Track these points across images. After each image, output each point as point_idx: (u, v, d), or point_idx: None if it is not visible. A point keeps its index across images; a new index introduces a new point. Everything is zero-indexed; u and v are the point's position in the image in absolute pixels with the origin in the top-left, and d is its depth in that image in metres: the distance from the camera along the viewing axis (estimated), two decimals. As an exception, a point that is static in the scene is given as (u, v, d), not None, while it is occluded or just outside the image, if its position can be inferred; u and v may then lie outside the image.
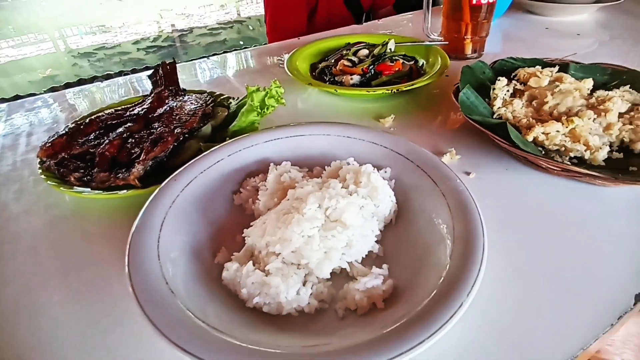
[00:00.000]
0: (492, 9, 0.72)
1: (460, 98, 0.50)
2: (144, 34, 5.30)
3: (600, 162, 0.44)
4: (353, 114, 0.61)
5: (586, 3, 0.91)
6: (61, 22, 5.92)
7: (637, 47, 0.81)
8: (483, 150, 0.50)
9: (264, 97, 0.50)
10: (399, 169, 0.41)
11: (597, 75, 0.59)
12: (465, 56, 0.76)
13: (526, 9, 0.99)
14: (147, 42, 5.08)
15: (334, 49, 0.75)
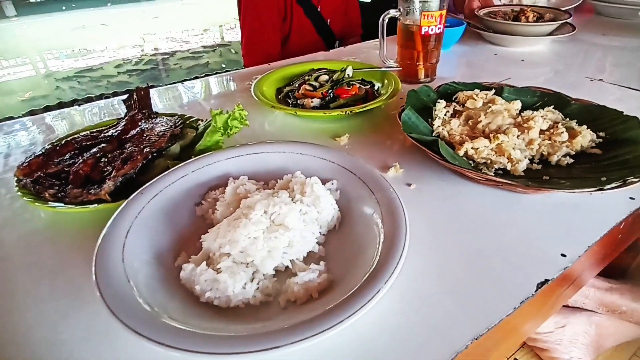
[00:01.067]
0: (440, 39, 0.80)
1: (403, 118, 0.57)
2: (126, 57, 5.35)
3: (520, 172, 0.51)
4: (313, 133, 0.67)
5: (539, 36, 1.00)
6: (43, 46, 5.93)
7: (579, 73, 0.91)
8: (423, 165, 0.56)
9: (227, 119, 0.55)
10: (344, 181, 0.47)
11: (528, 97, 0.67)
12: (419, 80, 0.84)
13: (483, 38, 1.08)
14: (129, 65, 5.12)
15: (299, 74, 0.82)
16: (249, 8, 1.20)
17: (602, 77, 0.86)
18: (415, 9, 0.76)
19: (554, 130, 0.56)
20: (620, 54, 1.04)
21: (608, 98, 0.76)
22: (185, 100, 0.84)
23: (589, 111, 0.61)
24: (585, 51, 1.04)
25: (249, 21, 1.22)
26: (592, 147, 0.55)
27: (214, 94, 0.89)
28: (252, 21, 1.21)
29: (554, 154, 0.54)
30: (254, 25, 1.21)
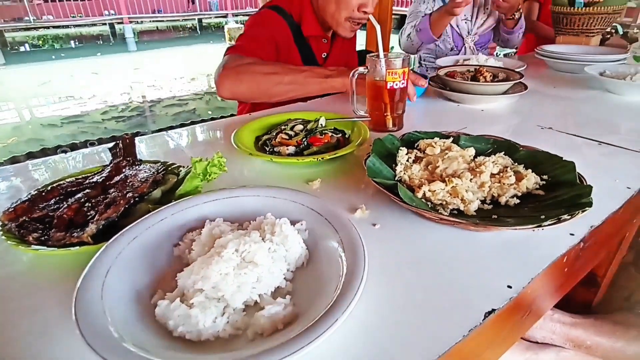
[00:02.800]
0: (404, 92, 0.88)
1: (367, 164, 0.63)
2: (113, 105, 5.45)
3: (472, 212, 0.56)
4: (288, 178, 0.72)
5: (495, 95, 1.10)
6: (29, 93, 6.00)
7: (531, 122, 1.00)
8: (387, 206, 0.61)
9: (206, 166, 0.60)
10: (312, 221, 0.51)
11: (482, 144, 0.74)
12: (388, 129, 0.91)
13: (445, 96, 1.18)
14: (115, 112, 5.21)
15: (276, 123, 0.89)
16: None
17: (551, 126, 0.95)
18: (382, 67, 0.85)
19: (503, 174, 0.63)
20: (568, 104, 1.15)
21: (555, 144, 0.84)
22: (169, 147, 0.89)
23: (534, 156, 0.68)
24: (538, 102, 1.15)
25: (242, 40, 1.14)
26: (536, 188, 0.61)
27: (197, 141, 0.94)
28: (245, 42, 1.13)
29: (503, 195, 0.59)
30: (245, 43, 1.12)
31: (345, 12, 1.09)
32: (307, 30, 1.18)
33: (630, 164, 0.76)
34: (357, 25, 1.14)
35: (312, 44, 1.22)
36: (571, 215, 0.50)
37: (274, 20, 1.16)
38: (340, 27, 1.14)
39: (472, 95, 1.08)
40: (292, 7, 1.18)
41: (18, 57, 10.28)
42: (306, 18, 1.17)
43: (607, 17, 1.64)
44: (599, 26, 1.68)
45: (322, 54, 1.27)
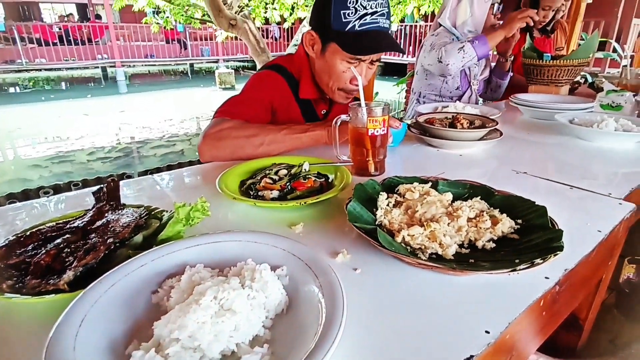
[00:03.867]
0: (384, 139, 0.92)
1: (348, 209, 0.64)
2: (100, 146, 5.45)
3: (450, 256, 0.58)
4: (271, 222, 0.73)
5: (472, 140, 1.15)
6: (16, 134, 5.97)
7: (507, 166, 1.04)
8: (368, 250, 0.62)
9: (189, 211, 0.61)
10: (293, 267, 0.52)
11: (459, 189, 0.77)
12: (370, 174, 0.94)
13: (425, 141, 1.23)
14: (102, 152, 5.20)
15: (261, 168, 0.91)
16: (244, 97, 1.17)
17: (526, 170, 0.99)
18: (363, 115, 0.89)
19: (479, 218, 0.65)
20: (541, 149, 1.21)
21: (530, 189, 0.88)
22: (154, 191, 0.90)
23: (508, 201, 0.71)
24: (513, 147, 1.20)
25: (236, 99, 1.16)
26: (511, 232, 0.63)
27: (183, 185, 0.95)
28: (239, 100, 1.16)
29: (480, 239, 0.61)
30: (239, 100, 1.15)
31: (338, 84, 1.14)
32: (304, 94, 1.21)
33: (600, 208, 0.79)
34: (351, 94, 1.18)
35: (312, 102, 1.26)
36: (543, 259, 0.52)
37: (274, 81, 1.19)
38: (335, 95, 1.18)
39: (451, 141, 1.13)
40: (293, 66, 1.22)
41: (7, 98, 10.34)
42: (304, 81, 1.21)
43: (573, 69, 1.77)
44: (567, 77, 1.80)
45: (322, 110, 1.30)
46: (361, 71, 1.09)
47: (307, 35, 1.14)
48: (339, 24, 1.02)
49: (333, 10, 1.02)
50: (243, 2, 7.36)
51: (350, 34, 1.02)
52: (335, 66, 1.10)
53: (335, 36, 1.05)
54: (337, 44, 1.06)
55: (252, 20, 6.67)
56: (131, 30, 14.00)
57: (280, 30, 14.90)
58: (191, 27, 12.88)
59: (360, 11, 1.00)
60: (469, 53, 1.69)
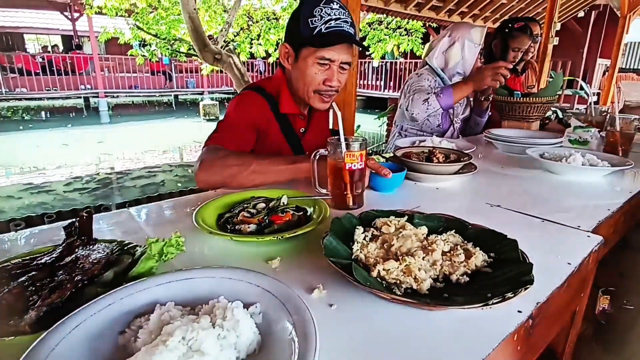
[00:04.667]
0: (362, 173, 0.94)
1: (324, 243, 0.65)
2: (78, 176, 5.33)
3: (425, 291, 0.58)
4: (247, 257, 0.72)
5: (448, 174, 1.18)
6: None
7: (481, 200, 1.07)
8: (344, 286, 0.62)
9: (163, 247, 0.60)
10: (267, 304, 0.51)
11: (434, 222, 0.78)
12: (348, 207, 0.95)
13: None
14: (79, 183, 5.08)
15: (239, 201, 0.90)
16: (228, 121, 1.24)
17: (499, 203, 1.02)
18: (341, 150, 0.91)
19: (454, 252, 0.66)
20: (514, 182, 1.25)
21: (503, 222, 0.90)
22: (129, 225, 0.88)
23: (482, 234, 0.72)
24: (487, 181, 1.24)
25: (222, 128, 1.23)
26: (484, 266, 0.64)
27: (159, 218, 0.94)
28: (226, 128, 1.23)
29: (454, 273, 0.62)
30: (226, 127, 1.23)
31: (312, 87, 1.21)
32: (284, 108, 1.31)
33: (570, 241, 0.82)
34: (328, 97, 1.25)
35: (290, 120, 1.34)
36: (515, 293, 0.53)
37: (254, 100, 1.28)
38: (311, 100, 1.26)
39: (427, 174, 1.16)
40: (271, 86, 1.31)
41: (-17, 128, 10.11)
42: (283, 97, 1.31)
43: (542, 105, 1.86)
44: (537, 113, 1.90)
45: (301, 128, 1.39)
46: (332, 74, 1.19)
47: (282, 48, 1.25)
48: (307, 30, 1.13)
49: (302, 20, 1.14)
50: (229, 37, 7.57)
51: (317, 35, 1.13)
52: (308, 70, 1.19)
53: (304, 41, 1.16)
54: (306, 47, 1.16)
55: (237, 55, 6.84)
56: (116, 62, 14.12)
57: (265, 64, 15.29)
58: (177, 59, 13.11)
59: (325, 17, 1.12)
60: (433, 105, 1.79)
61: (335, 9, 1.13)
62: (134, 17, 8.40)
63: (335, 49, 1.15)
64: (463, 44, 1.92)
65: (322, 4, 1.12)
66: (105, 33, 9.90)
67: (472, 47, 1.91)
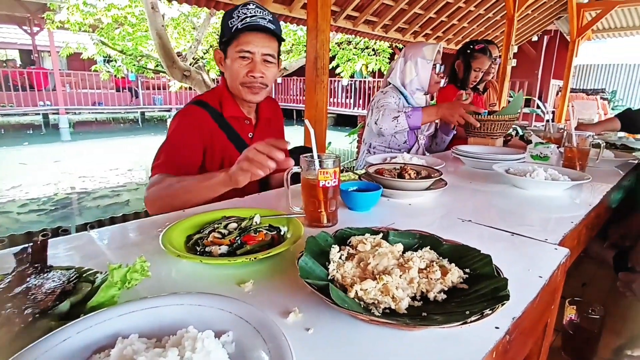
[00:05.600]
0: (336, 190, 0.93)
1: (300, 264, 0.62)
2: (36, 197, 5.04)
3: (403, 310, 0.57)
4: (219, 281, 0.69)
5: (419, 190, 1.19)
6: None
7: (453, 215, 1.09)
8: (321, 308, 0.60)
9: (126, 273, 0.55)
10: (240, 331, 0.48)
11: (409, 239, 0.78)
12: (322, 225, 0.93)
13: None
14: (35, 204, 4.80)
15: (210, 221, 0.87)
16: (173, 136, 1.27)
17: (470, 218, 1.04)
18: (315, 167, 0.90)
19: (430, 269, 0.66)
20: (483, 197, 1.29)
21: (475, 236, 0.91)
22: (90, 249, 0.82)
23: (456, 250, 0.73)
24: (457, 196, 1.26)
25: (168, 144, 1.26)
26: (460, 282, 0.64)
27: (123, 241, 0.88)
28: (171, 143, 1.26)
29: (431, 291, 0.61)
30: (176, 162, 1.23)
31: (238, 80, 1.29)
32: (227, 112, 1.34)
33: (539, 254, 0.84)
34: (256, 88, 1.31)
35: (235, 127, 1.36)
36: (492, 309, 0.53)
37: (195, 115, 1.30)
38: (242, 93, 1.32)
39: (400, 190, 1.17)
40: (214, 97, 1.35)
41: None
42: (225, 102, 1.35)
43: (505, 123, 1.94)
44: (500, 130, 1.98)
45: (248, 134, 1.41)
46: (254, 66, 1.26)
47: (216, 55, 1.35)
48: (228, 30, 1.24)
49: (224, 23, 1.26)
50: (198, 54, 7.51)
51: (235, 31, 1.23)
52: (233, 64, 1.27)
53: (228, 40, 1.26)
54: (229, 45, 1.26)
55: (207, 72, 6.78)
56: (79, 78, 13.65)
57: (235, 81, 15.21)
58: (144, 76, 12.84)
59: (242, 16, 1.23)
60: (401, 123, 1.87)
61: (252, 9, 1.24)
62: (99, 33, 8.20)
63: (253, 41, 1.24)
64: (416, 61, 2.02)
65: (240, 7, 1.24)
66: (67, 48, 9.59)
67: (424, 63, 2.01)
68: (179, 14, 8.52)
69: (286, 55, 10.01)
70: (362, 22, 5.08)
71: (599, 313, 1.25)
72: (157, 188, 1.14)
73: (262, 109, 1.46)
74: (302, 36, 9.57)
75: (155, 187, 1.14)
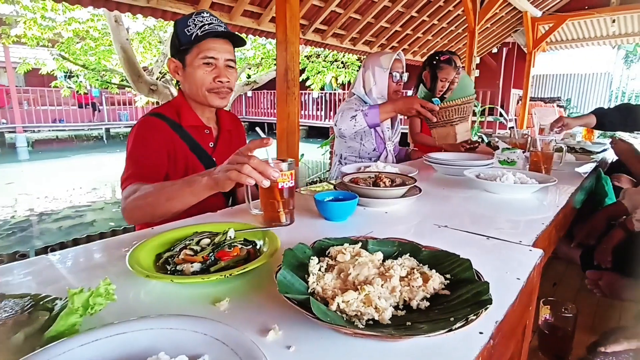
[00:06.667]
0: (292, 191, 0.99)
1: (278, 278, 0.60)
2: (-12, 221, 4.72)
3: (387, 321, 0.55)
4: (192, 300, 0.65)
5: (395, 198, 1.19)
6: None
7: (429, 221, 1.09)
8: (302, 323, 0.57)
9: (88, 298, 0.51)
10: (216, 354, 0.45)
11: (389, 247, 0.77)
12: (282, 224, 0.98)
13: None
14: (-10, 229, 4.50)
15: (181, 238, 0.83)
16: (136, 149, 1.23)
17: (446, 224, 1.04)
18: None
19: (411, 277, 0.65)
20: (457, 203, 1.30)
21: (452, 241, 0.91)
22: (49, 273, 0.76)
23: (435, 256, 0.72)
24: (432, 202, 1.28)
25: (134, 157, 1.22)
26: (442, 288, 0.63)
27: (86, 264, 0.82)
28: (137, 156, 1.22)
29: (414, 299, 0.60)
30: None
31: (205, 86, 1.27)
32: (186, 121, 1.31)
33: (515, 256, 0.85)
34: (223, 93, 1.30)
35: (195, 136, 1.33)
36: (476, 315, 0.52)
37: (155, 126, 1.26)
38: (209, 99, 1.29)
39: (375, 199, 1.16)
40: (171, 109, 1.32)
41: None
42: (183, 112, 1.31)
43: (459, 107, 1.96)
44: (458, 115, 1.99)
45: (209, 143, 1.38)
46: (220, 71, 1.26)
47: (170, 64, 1.32)
48: (185, 38, 1.23)
49: (179, 32, 1.24)
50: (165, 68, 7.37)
51: (195, 39, 1.22)
52: (196, 72, 1.25)
53: (185, 47, 1.24)
54: (188, 52, 1.24)
55: (175, 86, 6.66)
56: (37, 94, 13.06)
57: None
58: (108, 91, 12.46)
59: (198, 24, 1.22)
60: (359, 122, 1.90)
61: (206, 17, 1.24)
62: (59, 47, 7.91)
63: (216, 48, 1.24)
64: (374, 70, 2.06)
65: (194, 15, 1.24)
66: (25, 64, 9.18)
67: (381, 72, 2.05)
68: (145, 27, 8.36)
69: (256, 69, 10.01)
70: (330, 35, 5.16)
71: (571, 312, 1.29)
72: (133, 198, 1.09)
73: (223, 120, 1.44)
74: (271, 50, 9.62)
75: (132, 198, 1.09)
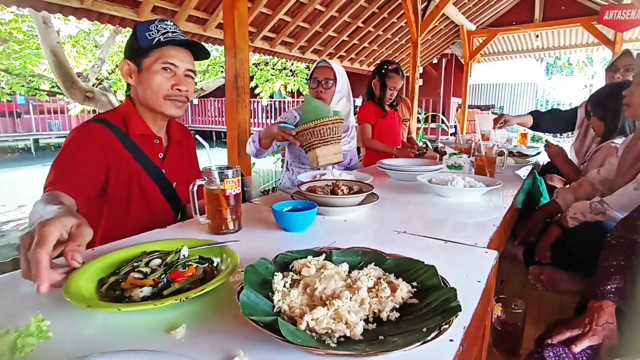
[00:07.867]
0: (239, 197, 0.98)
1: (241, 299, 0.55)
2: None
3: (359, 336, 0.53)
4: (143, 330, 0.58)
5: (353, 205, 1.18)
6: None
7: (388, 228, 1.09)
8: (271, 346, 0.53)
9: (16, 339, 0.43)
10: (176, 393, 0.39)
11: (353, 257, 0.75)
12: (229, 230, 0.99)
13: None
14: None
15: (127, 259, 0.75)
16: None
17: (405, 230, 1.05)
18: (216, 178, 0.95)
19: (378, 287, 0.63)
20: (413, 208, 1.33)
21: (413, 247, 0.92)
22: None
23: (400, 264, 0.71)
24: (389, 208, 1.29)
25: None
26: (410, 297, 0.63)
27: (10, 297, 0.71)
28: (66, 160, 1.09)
29: (383, 310, 0.58)
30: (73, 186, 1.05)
31: (162, 93, 1.20)
32: (134, 129, 1.22)
33: (473, 259, 0.87)
34: (180, 102, 1.24)
35: (143, 147, 1.24)
36: (448, 323, 0.51)
37: (97, 133, 1.16)
38: (164, 107, 1.22)
39: (334, 207, 1.15)
40: (117, 117, 1.23)
41: None
42: (131, 120, 1.23)
43: (315, 130, 1.33)
44: (317, 139, 1.42)
45: (159, 154, 1.30)
46: (180, 79, 1.21)
47: (123, 66, 1.23)
48: (146, 41, 1.18)
49: (139, 35, 1.18)
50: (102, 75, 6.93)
51: (156, 44, 1.18)
52: (154, 77, 1.19)
53: (145, 51, 1.18)
54: (147, 56, 1.18)
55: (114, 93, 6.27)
56: (-51, 103, 11.64)
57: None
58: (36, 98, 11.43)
59: (161, 31, 1.19)
60: (251, 147, 1.93)
61: (170, 25, 1.21)
62: (-24, 50, 7.13)
63: (177, 56, 1.20)
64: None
65: (157, 22, 1.20)
66: None
67: (311, 80, 2.06)
68: (78, 30, 7.80)
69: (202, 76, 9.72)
70: (279, 43, 5.15)
71: (521, 307, 1.36)
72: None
73: (173, 131, 1.36)
74: (217, 57, 9.39)
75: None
